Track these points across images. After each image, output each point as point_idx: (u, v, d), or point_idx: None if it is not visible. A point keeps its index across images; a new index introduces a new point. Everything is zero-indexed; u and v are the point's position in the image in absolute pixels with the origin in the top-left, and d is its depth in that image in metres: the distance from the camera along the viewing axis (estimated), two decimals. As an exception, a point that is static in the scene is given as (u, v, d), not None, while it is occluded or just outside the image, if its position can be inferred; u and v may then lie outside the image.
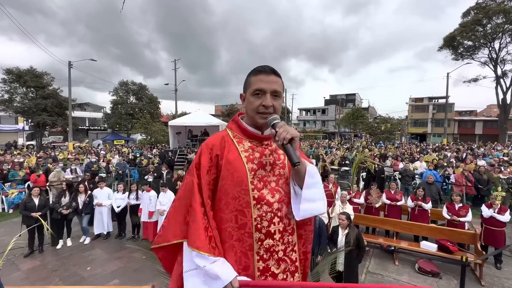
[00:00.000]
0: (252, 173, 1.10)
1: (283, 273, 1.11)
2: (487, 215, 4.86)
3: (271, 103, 1.08)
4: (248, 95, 1.12)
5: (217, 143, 1.15)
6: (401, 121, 32.56)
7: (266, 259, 1.09)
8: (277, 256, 1.10)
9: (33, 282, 4.22)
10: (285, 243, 1.12)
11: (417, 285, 4.21)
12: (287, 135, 0.95)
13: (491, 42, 25.51)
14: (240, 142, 1.16)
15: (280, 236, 1.11)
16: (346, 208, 5.15)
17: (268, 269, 1.09)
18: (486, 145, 21.13)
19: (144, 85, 34.16)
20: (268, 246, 1.09)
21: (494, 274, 4.56)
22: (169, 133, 18.04)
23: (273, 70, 1.12)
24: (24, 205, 5.16)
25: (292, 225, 1.15)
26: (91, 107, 44.49)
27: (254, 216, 1.07)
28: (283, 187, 1.14)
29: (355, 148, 17.67)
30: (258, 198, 1.08)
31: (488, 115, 41.21)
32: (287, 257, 1.13)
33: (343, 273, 3.60)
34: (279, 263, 1.11)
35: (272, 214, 1.10)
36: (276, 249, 1.10)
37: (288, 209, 1.13)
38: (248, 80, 1.14)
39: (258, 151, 1.15)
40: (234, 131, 1.20)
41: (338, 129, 45.19)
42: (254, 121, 1.14)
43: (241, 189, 1.08)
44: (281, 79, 1.14)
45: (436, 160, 10.82)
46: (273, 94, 1.10)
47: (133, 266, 4.74)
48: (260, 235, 1.08)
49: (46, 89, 23.64)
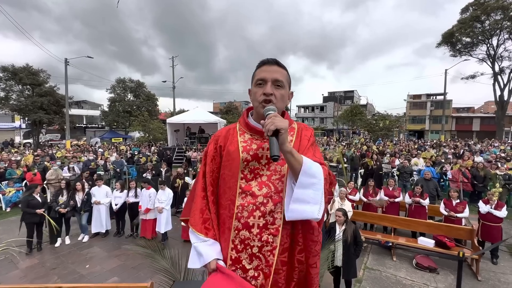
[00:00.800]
0: (245, 164, 1.11)
1: (254, 270, 1.05)
2: (484, 211, 4.90)
3: (271, 90, 1.08)
4: (252, 86, 1.16)
5: (222, 135, 1.23)
6: (399, 118, 32.65)
7: (239, 250, 1.06)
8: (250, 250, 1.05)
9: (31, 280, 4.22)
10: (262, 240, 1.04)
11: (415, 280, 4.25)
12: (271, 126, 0.91)
13: (489, 39, 25.52)
14: (242, 134, 1.19)
15: (258, 231, 1.05)
16: (345, 205, 5.18)
17: (239, 261, 1.06)
18: (483, 141, 21.25)
19: (141, 82, 33.98)
20: (243, 237, 1.06)
21: (490, 269, 4.61)
22: (167, 130, 17.99)
23: (276, 61, 1.11)
24: (26, 202, 5.13)
25: (277, 225, 1.05)
26: (89, 105, 44.17)
27: (237, 204, 1.09)
28: (274, 183, 1.08)
29: (354, 145, 17.71)
30: (243, 188, 1.09)
31: (485, 111, 41.42)
32: (262, 256, 1.04)
33: (342, 268, 3.64)
34: (252, 259, 1.05)
35: (254, 207, 1.06)
36: (251, 244, 1.05)
37: (275, 207, 1.06)
38: (253, 74, 1.17)
39: (256, 143, 1.14)
40: (240, 124, 1.24)
41: (337, 126, 45.24)
42: (258, 111, 1.14)
43: (234, 179, 1.12)
44: (285, 70, 1.13)
45: (434, 156, 10.87)
46: (275, 84, 1.09)
47: (132, 263, 4.75)
48: (238, 224, 1.07)
49: (42, 87, 23.43)
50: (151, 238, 5.60)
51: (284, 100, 1.14)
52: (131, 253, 5.06)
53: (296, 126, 1.23)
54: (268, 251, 1.05)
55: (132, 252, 5.07)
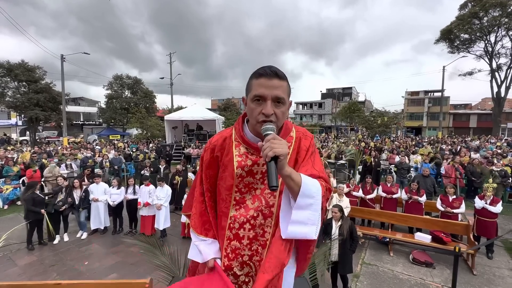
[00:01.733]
0: (239, 179, 1.11)
1: (245, 276, 1.10)
2: (479, 206, 4.95)
3: (271, 111, 0.97)
4: (248, 100, 1.03)
5: (219, 144, 1.19)
6: (397, 114, 32.71)
7: (231, 259, 1.11)
8: (241, 259, 1.10)
9: (30, 277, 4.22)
10: (252, 250, 1.09)
11: (412, 275, 4.31)
12: (270, 152, 0.83)
13: (487, 35, 25.54)
14: (238, 146, 1.14)
15: (248, 242, 1.09)
16: (342, 201, 5.21)
17: (231, 268, 1.11)
18: (480, 138, 21.39)
19: (139, 79, 33.67)
20: (234, 247, 1.11)
21: (485, 263, 4.68)
22: (165, 127, 17.92)
23: (276, 73, 0.98)
24: (32, 200, 5.12)
25: (266, 238, 1.08)
26: (85, 102, 43.81)
27: (230, 215, 1.13)
28: (266, 197, 1.09)
29: (351, 142, 17.77)
30: (237, 200, 1.13)
31: (482, 108, 41.60)
32: (252, 263, 1.10)
33: (338, 263, 3.68)
34: (243, 266, 1.10)
35: (245, 219, 1.09)
36: (241, 253, 1.10)
37: (265, 221, 1.08)
38: (249, 83, 1.04)
39: (251, 159, 1.10)
40: (236, 133, 1.17)
41: (335, 123, 45.30)
42: (255, 129, 1.07)
43: (229, 192, 1.14)
44: (286, 82, 1.01)
45: (432, 153, 10.93)
46: (275, 101, 0.98)
47: (131, 260, 4.76)
48: (230, 235, 1.12)
49: (38, 83, 23.19)
50: (150, 234, 5.61)
51: (285, 115, 1.05)
52: (130, 250, 5.08)
53: (294, 134, 1.15)
54: (257, 260, 1.09)
55: (131, 249, 5.09)
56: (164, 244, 3.09)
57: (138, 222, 6.00)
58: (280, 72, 1.00)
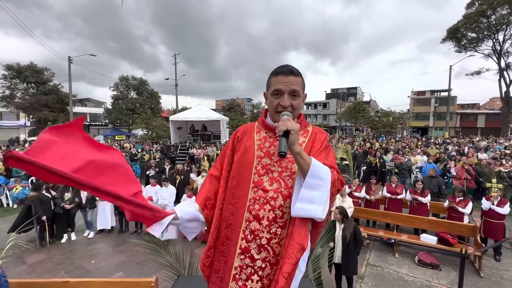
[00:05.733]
0: (258, 160, 1.20)
1: (262, 261, 1.11)
2: (486, 207, 4.88)
3: (288, 103, 1.15)
4: (269, 95, 1.21)
5: (242, 129, 1.35)
6: (403, 114, 32.35)
7: (249, 240, 1.13)
8: (259, 241, 1.11)
9: (39, 275, 4.31)
10: (271, 232, 1.11)
11: (417, 277, 4.27)
12: (283, 127, 0.98)
13: (495, 34, 25.10)
14: (259, 131, 1.29)
15: (267, 223, 1.11)
16: (345, 202, 5.19)
17: (248, 250, 1.12)
18: (488, 138, 21.03)
19: (144, 80, 34.08)
20: (253, 228, 1.12)
21: (493, 266, 4.61)
22: (170, 128, 18.06)
23: (291, 70, 1.15)
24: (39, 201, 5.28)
25: (285, 219, 1.12)
26: (92, 103, 44.42)
27: (249, 197, 1.16)
28: (284, 179, 1.15)
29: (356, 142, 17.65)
30: (256, 182, 1.16)
31: (490, 108, 40.87)
32: (270, 247, 1.11)
33: (341, 265, 3.66)
34: (260, 249, 1.11)
35: (265, 200, 1.13)
36: (260, 235, 1.11)
37: (284, 202, 1.12)
38: (268, 80, 1.23)
39: (269, 142, 1.23)
40: (258, 122, 1.34)
41: (339, 123, 45.03)
42: (274, 119, 1.23)
43: (248, 173, 1.19)
44: (300, 78, 1.18)
45: (438, 153, 10.80)
46: (291, 94, 1.15)
47: (137, 259, 4.83)
48: (249, 216, 1.14)
49: (46, 85, 23.65)
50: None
51: (300, 107, 1.21)
52: (136, 249, 5.14)
53: (310, 129, 1.29)
54: (275, 243, 1.11)
55: (136, 248, 5.16)
56: (169, 243, 3.13)
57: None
58: (295, 69, 1.16)
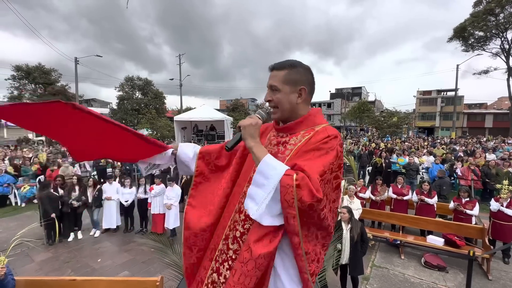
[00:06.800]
0: None
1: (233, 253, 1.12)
2: (494, 209, 4.80)
3: (268, 97, 1.16)
4: None
5: (266, 126, 1.38)
6: (409, 114, 31.98)
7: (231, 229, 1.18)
8: (235, 233, 1.15)
9: (46, 273, 4.37)
10: (245, 228, 1.11)
11: (423, 279, 4.22)
12: (238, 123, 1.09)
13: (504, 32, 24.67)
14: (272, 130, 1.32)
15: (244, 218, 1.13)
16: (354, 203, 5.13)
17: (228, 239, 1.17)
18: (496, 138, 20.66)
19: (149, 80, 34.30)
20: (236, 219, 1.17)
21: (501, 268, 4.53)
22: (175, 128, 18.15)
23: (273, 66, 1.15)
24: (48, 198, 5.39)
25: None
26: (98, 103, 44.96)
27: (244, 190, 1.19)
28: None
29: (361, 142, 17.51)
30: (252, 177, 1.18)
31: (499, 108, 40.14)
32: (242, 242, 1.11)
33: (348, 265, 3.65)
34: (234, 241, 1.14)
35: None
36: (237, 227, 1.15)
37: None
38: None
39: (269, 140, 1.25)
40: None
41: (344, 123, 44.76)
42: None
43: (250, 168, 1.23)
44: (283, 71, 1.11)
45: (445, 154, 10.66)
46: (271, 89, 1.15)
47: (142, 258, 4.86)
48: (237, 207, 1.19)
49: (54, 86, 24.00)
50: (162, 232, 5.73)
51: (284, 101, 1.12)
52: (141, 248, 5.19)
53: (317, 128, 1.14)
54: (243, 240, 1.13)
55: (142, 247, 5.20)
56: (174, 243, 3.15)
57: (149, 222, 6.12)
58: (279, 63, 1.14)
